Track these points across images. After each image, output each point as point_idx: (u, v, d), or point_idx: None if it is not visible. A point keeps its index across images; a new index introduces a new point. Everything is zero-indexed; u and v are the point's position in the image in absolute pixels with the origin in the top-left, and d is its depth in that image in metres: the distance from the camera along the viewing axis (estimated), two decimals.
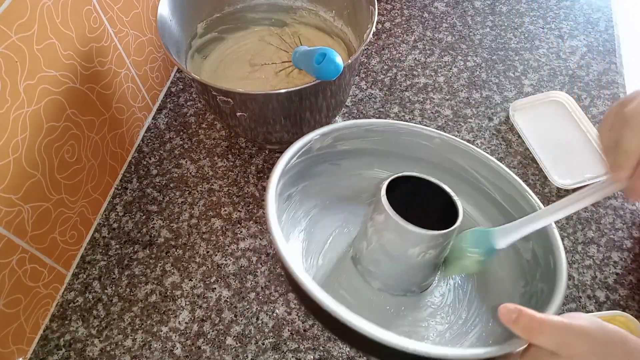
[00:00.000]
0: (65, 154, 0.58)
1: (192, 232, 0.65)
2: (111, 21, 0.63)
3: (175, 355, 0.56)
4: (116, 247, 0.64)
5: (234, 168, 0.71)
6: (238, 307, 0.59)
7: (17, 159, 0.50)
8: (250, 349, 0.56)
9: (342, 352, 0.56)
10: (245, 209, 0.67)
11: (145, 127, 0.76)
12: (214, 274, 0.62)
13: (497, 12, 0.90)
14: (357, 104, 0.78)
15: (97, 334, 0.58)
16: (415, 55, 0.84)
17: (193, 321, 0.58)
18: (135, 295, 0.60)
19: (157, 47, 0.76)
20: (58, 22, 0.53)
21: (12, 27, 0.47)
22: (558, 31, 0.86)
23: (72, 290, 0.61)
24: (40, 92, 0.52)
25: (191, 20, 0.69)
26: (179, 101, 0.79)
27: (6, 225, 0.50)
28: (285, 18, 0.76)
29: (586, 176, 0.67)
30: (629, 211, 0.65)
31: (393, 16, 0.90)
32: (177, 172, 0.71)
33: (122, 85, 0.68)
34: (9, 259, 0.51)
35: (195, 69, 0.71)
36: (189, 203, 0.68)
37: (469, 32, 0.87)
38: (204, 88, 0.59)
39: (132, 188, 0.70)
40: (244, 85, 0.70)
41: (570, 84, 0.79)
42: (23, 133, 0.51)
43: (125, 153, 0.72)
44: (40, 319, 0.58)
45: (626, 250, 0.62)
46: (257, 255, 0.63)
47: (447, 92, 0.79)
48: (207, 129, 0.76)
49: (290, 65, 0.69)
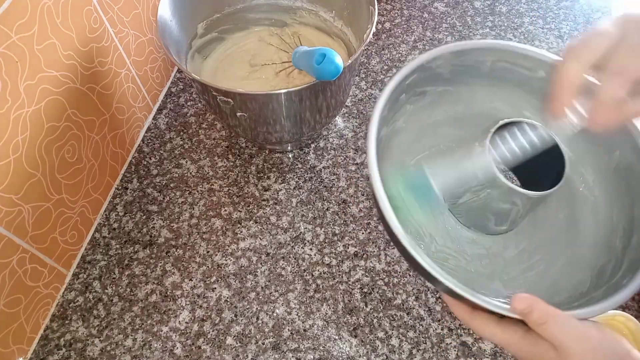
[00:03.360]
0: (66, 154, 0.58)
1: (193, 232, 0.65)
2: (111, 21, 0.63)
3: (176, 355, 0.56)
4: (116, 247, 0.64)
5: (234, 168, 0.71)
6: (238, 307, 0.59)
7: (17, 159, 0.50)
8: (250, 349, 0.56)
9: (342, 352, 0.56)
10: (245, 209, 0.67)
11: (146, 127, 0.76)
12: (214, 273, 0.62)
13: (497, 13, 0.90)
14: (357, 104, 0.78)
15: (98, 334, 0.58)
16: (415, 55, 0.84)
17: (193, 321, 0.58)
18: (136, 295, 0.60)
19: (157, 48, 0.76)
20: (58, 22, 0.53)
21: (12, 27, 0.47)
22: (558, 31, 0.86)
23: (73, 290, 0.61)
24: (41, 92, 0.52)
25: (191, 20, 0.69)
26: (179, 101, 0.80)
27: (6, 225, 0.50)
28: (285, 18, 0.77)
29: None
30: None
31: (393, 16, 0.90)
32: (178, 172, 0.71)
33: (122, 85, 0.68)
34: (10, 259, 0.51)
35: (195, 69, 0.71)
36: (189, 203, 0.68)
37: (468, 33, 0.87)
38: (204, 88, 0.59)
39: (132, 188, 0.70)
40: (244, 85, 0.70)
41: None
42: (23, 133, 0.51)
43: (125, 153, 0.72)
44: (41, 318, 0.58)
45: None
46: (257, 255, 0.63)
47: None
48: (207, 129, 0.76)
49: (290, 65, 0.69)
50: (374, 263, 0.62)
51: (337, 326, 0.57)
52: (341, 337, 0.57)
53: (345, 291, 0.60)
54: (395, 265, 0.62)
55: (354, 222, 0.65)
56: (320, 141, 0.74)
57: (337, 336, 0.57)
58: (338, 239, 0.64)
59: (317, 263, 0.62)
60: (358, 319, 0.58)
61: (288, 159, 0.72)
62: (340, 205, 0.67)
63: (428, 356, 0.55)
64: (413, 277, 0.61)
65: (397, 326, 0.57)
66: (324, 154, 0.72)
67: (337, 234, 0.65)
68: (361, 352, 0.56)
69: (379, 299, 0.59)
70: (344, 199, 0.68)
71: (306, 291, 0.60)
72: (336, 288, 0.60)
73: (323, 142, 0.74)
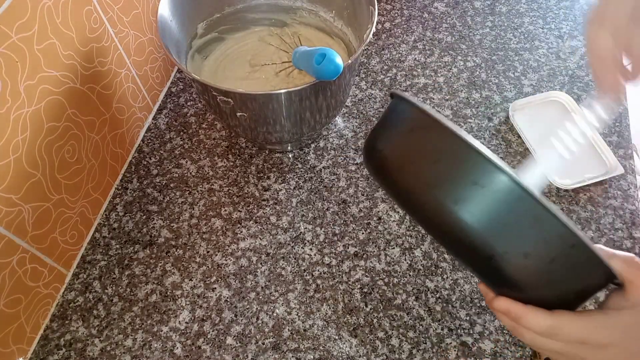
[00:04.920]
0: (66, 154, 0.58)
1: (193, 232, 0.65)
2: (111, 21, 0.63)
3: (176, 355, 0.56)
4: (116, 247, 0.64)
5: (234, 168, 0.71)
6: (238, 307, 0.59)
7: (17, 159, 0.50)
8: (250, 349, 0.56)
9: (342, 352, 0.56)
10: (245, 209, 0.67)
11: (146, 127, 0.76)
12: (214, 273, 0.62)
13: (497, 13, 0.90)
14: (357, 104, 0.78)
15: (98, 334, 0.58)
16: (415, 55, 0.84)
17: (193, 321, 0.58)
18: (136, 295, 0.60)
19: (157, 48, 0.76)
20: (58, 22, 0.53)
21: (12, 27, 0.47)
22: (558, 31, 0.86)
23: (73, 290, 0.61)
24: (41, 92, 0.52)
25: (191, 20, 0.69)
26: (179, 101, 0.80)
27: (6, 225, 0.50)
28: (285, 18, 0.77)
29: (586, 176, 0.67)
30: (628, 211, 0.65)
31: (393, 16, 0.90)
32: (178, 172, 0.71)
33: (122, 85, 0.68)
34: (10, 258, 0.51)
35: (195, 69, 0.71)
36: (189, 203, 0.68)
37: (468, 33, 0.87)
38: (204, 88, 0.59)
39: (132, 188, 0.70)
40: (244, 85, 0.70)
41: (570, 84, 0.79)
42: (23, 133, 0.51)
43: (125, 153, 0.72)
44: (41, 318, 0.58)
45: (626, 250, 0.62)
46: (257, 255, 0.63)
47: (447, 93, 0.79)
48: (207, 129, 0.76)
49: (290, 65, 0.69)
50: (374, 263, 0.62)
51: (337, 326, 0.57)
52: (341, 337, 0.57)
53: (345, 291, 0.60)
54: (395, 265, 0.62)
55: (354, 222, 0.65)
56: (320, 141, 0.74)
57: (337, 336, 0.57)
58: (338, 239, 0.64)
59: (317, 263, 0.62)
60: (358, 319, 0.58)
61: (288, 159, 0.72)
62: (340, 205, 0.67)
63: (428, 356, 0.55)
64: (413, 277, 0.61)
65: (397, 326, 0.57)
66: (324, 154, 0.72)
67: (337, 234, 0.65)
68: (361, 352, 0.56)
69: (379, 299, 0.59)
70: (344, 199, 0.68)
71: (306, 291, 0.60)
72: (336, 288, 0.60)
73: (323, 142, 0.74)
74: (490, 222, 0.32)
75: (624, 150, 0.71)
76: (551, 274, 0.33)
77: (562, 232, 0.32)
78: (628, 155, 0.70)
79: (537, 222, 0.32)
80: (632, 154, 0.71)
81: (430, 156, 0.34)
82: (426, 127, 0.35)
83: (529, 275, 0.33)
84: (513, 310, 0.35)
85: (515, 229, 0.33)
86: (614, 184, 0.67)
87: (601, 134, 0.71)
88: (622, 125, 0.73)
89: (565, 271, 0.33)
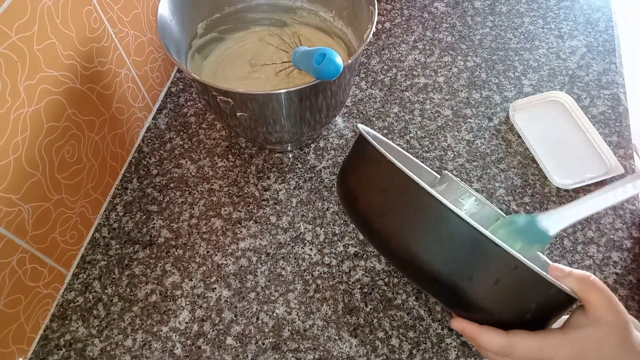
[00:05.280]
0: (66, 154, 0.58)
1: (192, 232, 0.65)
2: (111, 21, 0.63)
3: (176, 355, 0.56)
4: (116, 247, 0.64)
5: (234, 168, 0.71)
6: (238, 307, 0.59)
7: (17, 159, 0.50)
8: (250, 349, 0.56)
9: (342, 352, 0.56)
10: (245, 209, 0.67)
11: (146, 127, 0.76)
12: (214, 273, 0.62)
13: (497, 12, 0.90)
14: (357, 104, 0.78)
15: (98, 334, 0.58)
16: (415, 55, 0.84)
17: (193, 321, 0.58)
18: (136, 295, 0.60)
19: (157, 47, 0.76)
20: (58, 22, 0.53)
21: (12, 27, 0.47)
22: (558, 31, 0.86)
23: (73, 290, 0.61)
24: (41, 92, 0.52)
25: (191, 20, 0.69)
26: (179, 101, 0.80)
27: (6, 225, 0.50)
28: (285, 18, 0.77)
29: (586, 176, 0.67)
30: (628, 211, 0.65)
31: (393, 16, 0.90)
32: (177, 172, 0.71)
33: (122, 85, 0.68)
34: (9, 259, 0.51)
35: (195, 69, 0.71)
36: (189, 203, 0.68)
37: (468, 32, 0.87)
38: (204, 88, 0.59)
39: (132, 188, 0.70)
40: (244, 85, 0.70)
41: (570, 84, 0.79)
42: (23, 133, 0.51)
43: (125, 153, 0.72)
44: (41, 318, 0.58)
45: (626, 250, 0.62)
46: (257, 255, 0.63)
47: (447, 92, 0.79)
48: (207, 129, 0.76)
49: (290, 65, 0.69)
50: (374, 263, 0.62)
51: (337, 326, 0.57)
52: (341, 337, 0.57)
53: (345, 291, 0.60)
54: None
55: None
56: (320, 141, 0.74)
57: (337, 336, 0.57)
58: (338, 239, 0.64)
59: (317, 263, 0.62)
60: (358, 319, 0.58)
61: (288, 159, 0.72)
62: (340, 205, 0.67)
63: (428, 356, 0.55)
64: None
65: (397, 326, 0.57)
66: (324, 154, 0.72)
67: (337, 234, 0.65)
68: (361, 352, 0.56)
69: (379, 299, 0.59)
70: None
71: (306, 291, 0.60)
72: (336, 288, 0.60)
73: (323, 142, 0.74)
74: (431, 246, 0.35)
75: (624, 150, 0.71)
76: (499, 295, 0.35)
77: (501, 254, 0.33)
78: (628, 155, 0.70)
79: (475, 247, 0.34)
80: (632, 154, 0.71)
81: (379, 186, 0.38)
82: (376, 160, 0.39)
83: (476, 296, 0.35)
84: (468, 330, 0.37)
85: (455, 252, 0.35)
86: None
87: (601, 134, 0.72)
88: (622, 125, 0.73)
89: (512, 291, 0.35)
